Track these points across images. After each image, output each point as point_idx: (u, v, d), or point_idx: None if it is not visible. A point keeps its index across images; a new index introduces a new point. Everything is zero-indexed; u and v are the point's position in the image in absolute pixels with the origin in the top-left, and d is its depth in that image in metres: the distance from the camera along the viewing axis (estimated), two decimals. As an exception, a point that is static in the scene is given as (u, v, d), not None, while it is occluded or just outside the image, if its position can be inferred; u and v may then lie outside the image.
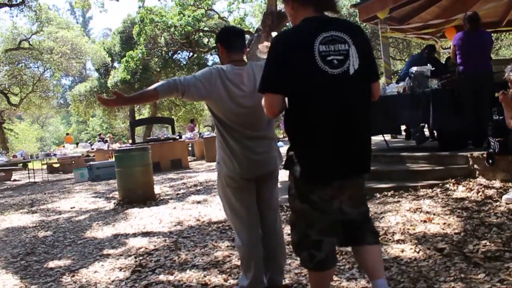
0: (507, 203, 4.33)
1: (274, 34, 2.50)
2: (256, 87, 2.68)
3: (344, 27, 2.11)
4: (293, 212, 2.25)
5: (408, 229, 3.97)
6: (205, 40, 26.15)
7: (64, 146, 18.94)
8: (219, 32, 3.02)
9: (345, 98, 2.06)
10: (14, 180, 15.25)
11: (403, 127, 8.32)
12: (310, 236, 2.14)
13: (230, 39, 2.89)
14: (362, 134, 2.16)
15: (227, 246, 4.28)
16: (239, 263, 3.59)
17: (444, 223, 3.98)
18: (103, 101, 2.78)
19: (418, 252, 3.42)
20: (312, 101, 2.03)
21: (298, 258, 2.30)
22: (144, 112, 32.98)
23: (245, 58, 2.94)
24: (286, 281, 3.21)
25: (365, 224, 2.29)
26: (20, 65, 26.23)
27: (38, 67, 27.55)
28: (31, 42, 24.60)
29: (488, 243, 3.38)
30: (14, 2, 19.98)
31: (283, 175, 2.82)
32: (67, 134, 28.80)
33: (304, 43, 2.01)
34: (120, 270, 3.98)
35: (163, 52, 25.39)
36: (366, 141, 2.20)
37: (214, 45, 26.10)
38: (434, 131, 7.02)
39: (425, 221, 4.10)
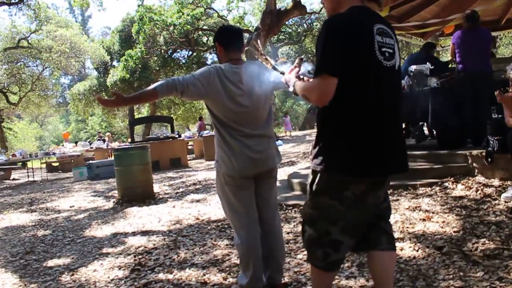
0: (506, 202, 4.33)
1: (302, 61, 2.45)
2: (254, 86, 2.70)
3: (386, 22, 2.09)
4: (315, 208, 2.10)
5: (407, 227, 3.97)
6: (204, 39, 26.12)
7: (63, 145, 18.92)
8: (217, 32, 3.05)
9: (393, 92, 2.06)
10: (13, 179, 15.24)
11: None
12: (331, 234, 2.04)
13: (228, 38, 2.90)
14: (400, 129, 2.16)
15: (226, 245, 4.28)
16: (238, 261, 3.59)
17: (443, 222, 3.99)
18: (102, 102, 2.79)
19: (417, 251, 3.43)
20: (367, 91, 1.93)
21: (306, 253, 2.21)
22: (143, 111, 32.98)
23: (244, 57, 2.97)
24: (285, 279, 3.22)
25: (383, 227, 2.20)
26: (19, 64, 26.21)
27: (37, 66, 27.55)
28: (30, 41, 24.58)
29: (487, 242, 3.38)
30: (13, 1, 19.95)
31: (282, 173, 2.82)
32: (67, 133, 28.78)
33: (366, 30, 1.94)
34: (120, 268, 3.98)
35: (162, 51, 25.36)
36: (404, 138, 2.16)
37: (213, 43, 26.14)
38: (433, 130, 7.02)
39: (424, 220, 4.11)
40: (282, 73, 2.40)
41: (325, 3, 2.16)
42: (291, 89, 2.18)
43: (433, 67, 6.62)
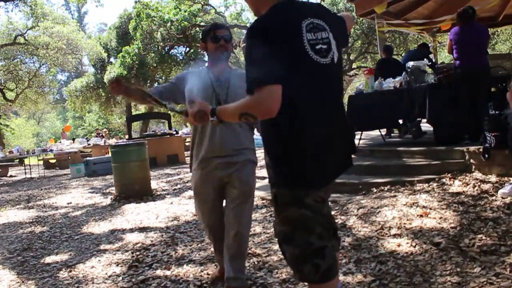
0: (503, 198, 4.34)
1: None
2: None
3: (318, 11, 1.97)
4: (286, 223, 1.93)
5: (405, 223, 3.98)
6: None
7: (60, 141, 18.87)
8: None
9: (334, 88, 1.98)
10: (11, 176, 15.22)
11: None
12: (313, 244, 1.88)
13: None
14: (347, 126, 2.08)
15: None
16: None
17: (440, 218, 3.99)
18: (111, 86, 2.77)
19: (415, 247, 3.43)
20: (307, 93, 1.82)
21: (294, 274, 2.04)
22: (141, 107, 32.90)
23: (239, 50, 3.06)
24: (283, 276, 3.23)
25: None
26: (16, 60, 26.08)
27: (33, 63, 27.40)
28: (26, 37, 24.44)
29: (484, 237, 3.39)
30: (9, -3, 19.87)
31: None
32: (64, 130, 28.70)
33: (293, 31, 1.82)
34: (117, 265, 3.98)
35: (160, 47, 25.28)
36: (350, 133, 2.12)
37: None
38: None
39: (421, 216, 4.11)
40: (181, 112, 2.12)
41: (249, 5, 2.06)
42: (212, 120, 1.93)
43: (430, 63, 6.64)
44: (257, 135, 3.08)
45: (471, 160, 5.39)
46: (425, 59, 6.62)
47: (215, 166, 2.97)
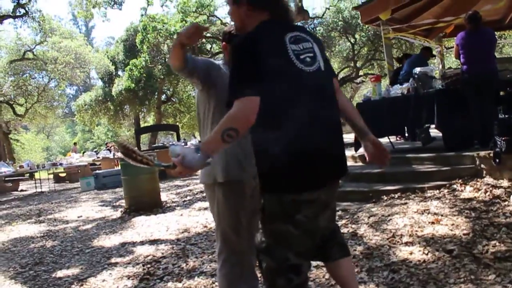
0: (515, 203, 4.30)
1: None
2: None
3: (301, 28, 2.08)
4: (270, 235, 1.97)
5: (416, 231, 3.95)
6: (208, 46, 26.20)
7: (71, 155, 18.99)
8: None
9: (325, 94, 2.00)
10: (21, 190, 15.30)
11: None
12: (289, 260, 1.92)
13: None
14: (340, 131, 2.08)
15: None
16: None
17: (452, 224, 3.96)
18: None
19: (427, 254, 3.40)
20: (293, 101, 1.86)
21: (265, 284, 2.05)
22: (149, 119, 33.06)
23: None
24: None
25: (333, 238, 2.18)
26: (25, 75, 26.34)
27: (42, 77, 27.66)
28: (35, 53, 24.71)
29: (497, 244, 3.35)
30: (18, 14, 20.10)
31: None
32: (75, 144, 28.90)
33: (277, 43, 1.91)
34: (128, 278, 3.98)
35: (167, 59, 25.44)
36: (342, 139, 2.11)
37: (217, 51, 26.20)
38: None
39: (433, 223, 4.08)
40: (167, 167, 1.99)
41: (235, 21, 2.13)
42: (197, 159, 1.85)
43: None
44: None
45: (482, 165, 5.35)
46: (431, 65, 6.59)
47: None
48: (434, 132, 6.72)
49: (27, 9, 20.21)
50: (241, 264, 2.58)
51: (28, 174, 17.15)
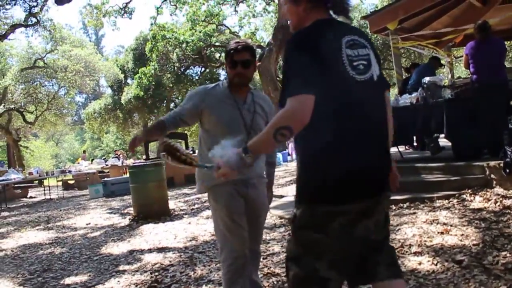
0: (526, 213, 4.26)
1: None
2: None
3: (358, 32, 1.95)
4: (299, 244, 1.87)
5: (425, 241, 3.92)
6: (217, 55, 26.35)
7: (79, 163, 19.11)
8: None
9: (374, 105, 1.90)
10: (30, 197, 15.40)
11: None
12: (319, 271, 1.80)
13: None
14: (388, 146, 1.99)
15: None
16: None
17: (462, 235, 3.93)
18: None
19: (436, 264, 3.38)
20: (341, 110, 1.75)
21: None
22: (158, 127, 33.20)
23: (255, 73, 2.95)
24: None
25: (376, 255, 1.93)
26: (35, 83, 26.62)
27: (52, 85, 27.95)
28: (45, 61, 24.99)
29: (508, 255, 3.32)
30: (29, 23, 20.35)
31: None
32: (84, 152, 29.08)
33: (333, 45, 1.80)
34: (136, 286, 3.98)
35: (176, 68, 25.61)
36: (388, 152, 1.99)
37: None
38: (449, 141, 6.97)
39: (442, 233, 4.05)
40: (211, 167, 1.95)
41: (290, 17, 2.03)
42: (248, 157, 1.78)
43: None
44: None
45: (492, 175, 5.31)
46: (441, 74, 6.58)
47: None
48: (443, 141, 6.70)
49: (38, 18, 20.46)
50: (237, 264, 2.68)
51: (37, 181, 17.29)
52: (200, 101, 2.76)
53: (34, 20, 20.44)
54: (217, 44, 23.77)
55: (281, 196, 7.50)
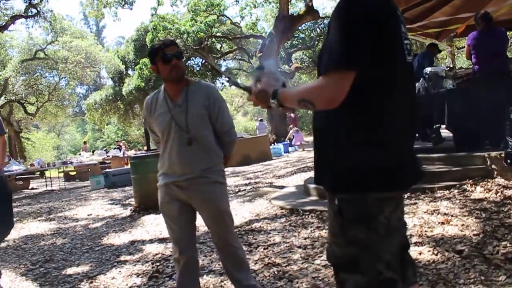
0: (526, 204, 4.26)
1: None
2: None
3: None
4: (351, 245, 1.59)
5: (426, 231, 3.93)
6: (218, 46, 26.28)
7: (80, 154, 19.14)
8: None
9: (412, 91, 1.77)
10: (32, 188, 15.43)
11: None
12: (382, 273, 1.55)
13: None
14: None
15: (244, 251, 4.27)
16: (256, 267, 3.60)
17: (463, 225, 3.93)
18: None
19: (437, 255, 3.38)
20: (393, 90, 1.56)
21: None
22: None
23: (258, 62, 2.95)
24: (303, 285, 3.20)
25: (406, 253, 1.80)
26: (36, 74, 26.62)
27: (53, 77, 27.96)
28: (46, 52, 24.96)
29: (508, 245, 3.33)
30: (29, 14, 20.30)
31: (298, 179, 2.78)
32: (85, 142, 29.12)
33: (396, 17, 1.56)
34: (138, 276, 4.00)
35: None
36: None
37: (227, 50, 26.22)
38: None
39: (443, 223, 4.05)
40: (245, 89, 1.88)
41: None
42: (272, 103, 1.68)
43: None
44: (273, 146, 3.03)
45: (493, 166, 5.30)
46: (442, 65, 6.55)
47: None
48: (444, 132, 6.69)
49: (38, 9, 20.41)
50: (175, 261, 2.95)
51: (38, 173, 17.31)
52: (148, 116, 2.91)
53: (34, 11, 20.39)
54: (218, 34, 23.70)
55: (282, 187, 7.50)
